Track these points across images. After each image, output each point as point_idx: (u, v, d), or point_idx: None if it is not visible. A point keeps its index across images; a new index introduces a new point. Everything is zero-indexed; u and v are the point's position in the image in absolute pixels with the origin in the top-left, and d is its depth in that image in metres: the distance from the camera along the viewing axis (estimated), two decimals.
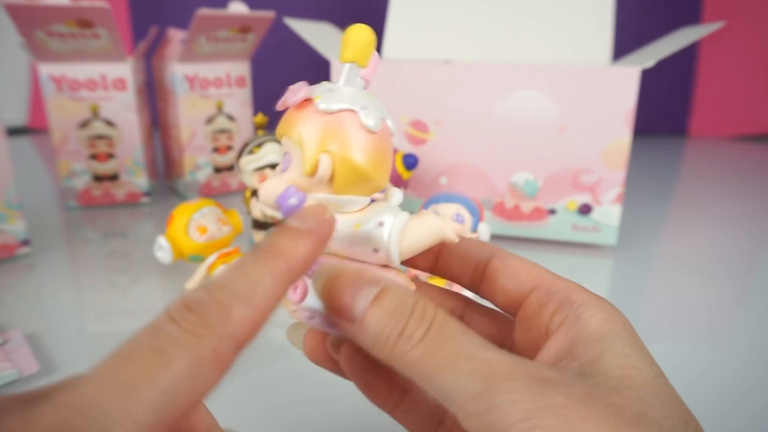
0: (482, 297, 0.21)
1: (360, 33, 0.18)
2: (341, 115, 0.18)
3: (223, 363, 0.13)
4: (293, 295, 0.19)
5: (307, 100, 0.18)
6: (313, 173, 0.18)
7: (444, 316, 0.16)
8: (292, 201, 0.18)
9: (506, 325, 0.21)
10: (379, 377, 0.19)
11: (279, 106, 0.19)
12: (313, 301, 0.18)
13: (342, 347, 0.19)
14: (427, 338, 0.15)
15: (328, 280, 0.17)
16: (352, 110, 0.18)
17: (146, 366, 0.12)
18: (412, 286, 0.19)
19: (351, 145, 0.18)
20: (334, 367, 0.20)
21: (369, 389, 0.19)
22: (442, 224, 0.18)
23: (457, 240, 0.18)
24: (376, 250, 0.18)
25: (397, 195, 0.20)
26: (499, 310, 0.21)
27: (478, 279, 0.21)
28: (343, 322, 0.16)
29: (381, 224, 0.18)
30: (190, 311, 0.13)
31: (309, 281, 0.19)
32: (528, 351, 0.19)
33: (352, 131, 0.18)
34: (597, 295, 0.18)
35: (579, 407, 0.14)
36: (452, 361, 0.14)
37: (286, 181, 0.19)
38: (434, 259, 0.22)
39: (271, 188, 0.18)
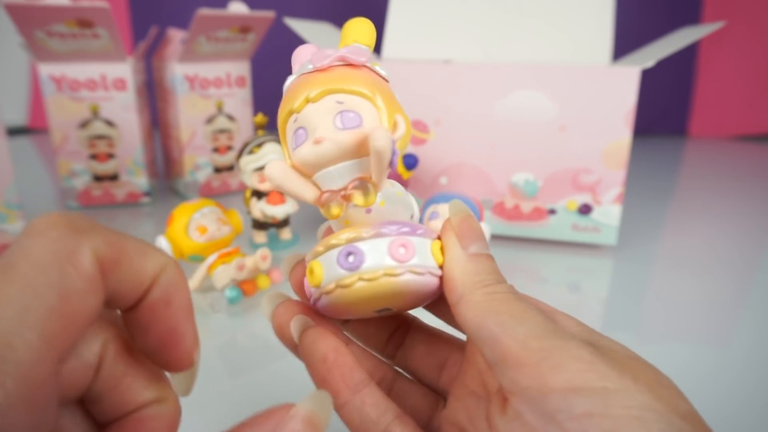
0: (438, 316, 0.22)
1: (360, 21, 0.20)
2: (389, 85, 0.20)
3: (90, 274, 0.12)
4: (403, 254, 0.18)
5: (349, 64, 0.19)
6: (393, 131, 0.18)
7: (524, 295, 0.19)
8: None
9: (433, 399, 0.21)
10: (339, 368, 0.19)
11: (316, 64, 0.19)
12: (420, 258, 0.18)
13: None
14: (509, 294, 0.17)
15: (466, 215, 0.20)
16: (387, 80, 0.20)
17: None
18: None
19: (404, 113, 0.19)
20: (293, 346, 0.21)
21: (322, 381, 0.20)
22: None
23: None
24: (411, 216, 0.20)
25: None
26: (422, 383, 0.22)
27: (437, 299, 0.21)
28: (454, 245, 0.18)
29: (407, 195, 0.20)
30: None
31: (416, 240, 0.18)
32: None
33: (398, 101, 0.19)
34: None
35: (620, 367, 0.16)
36: (525, 311, 0.17)
37: (362, 133, 0.18)
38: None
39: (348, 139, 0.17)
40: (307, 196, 0.18)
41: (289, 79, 0.19)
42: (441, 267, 0.19)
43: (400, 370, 0.22)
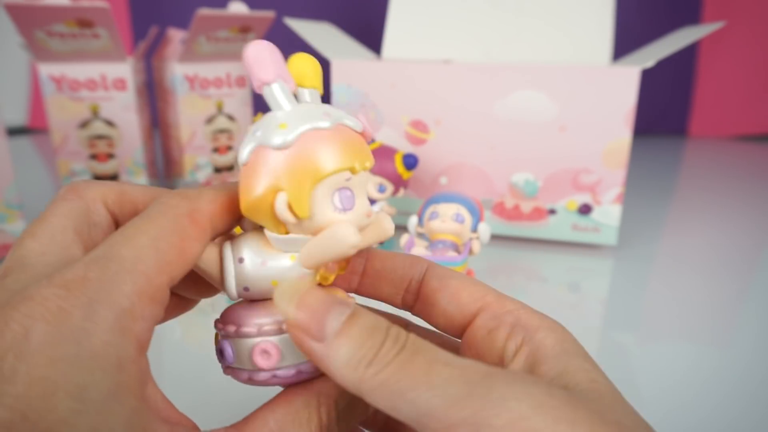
0: (417, 316, 0.20)
1: (310, 62, 0.18)
2: None
3: (200, 226, 0.16)
4: (265, 361, 0.17)
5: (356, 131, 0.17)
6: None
7: (416, 336, 0.15)
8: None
9: (454, 347, 0.20)
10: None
11: (368, 136, 0.17)
12: (244, 362, 0.17)
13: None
14: (401, 355, 0.14)
15: (296, 296, 0.15)
16: None
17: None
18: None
19: None
20: None
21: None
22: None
23: (354, 250, 0.16)
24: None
25: None
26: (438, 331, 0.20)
27: (411, 299, 0.20)
28: (308, 342, 0.15)
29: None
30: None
31: (237, 342, 0.17)
32: None
33: None
34: (544, 314, 0.18)
35: (568, 410, 0.13)
36: (428, 370, 0.14)
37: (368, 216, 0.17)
38: (358, 278, 0.20)
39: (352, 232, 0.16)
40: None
41: (317, 120, 0.16)
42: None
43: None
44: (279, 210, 0.16)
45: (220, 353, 0.18)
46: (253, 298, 0.17)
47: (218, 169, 0.68)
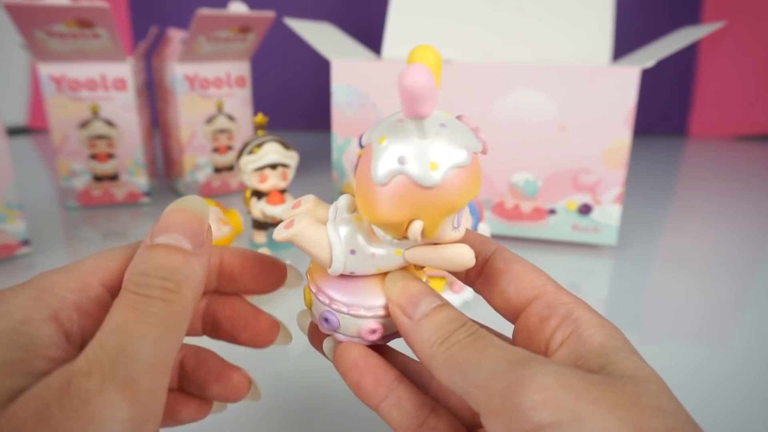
0: (477, 292, 0.21)
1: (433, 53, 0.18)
2: None
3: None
4: (372, 336, 0.20)
5: None
6: None
7: (485, 330, 0.18)
8: None
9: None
10: (370, 373, 0.20)
11: (486, 150, 0.18)
12: (348, 329, 0.20)
13: (338, 347, 0.21)
14: (466, 340, 0.17)
15: (402, 283, 0.19)
16: None
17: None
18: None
19: None
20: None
21: (358, 385, 0.20)
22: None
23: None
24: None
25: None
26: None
27: (475, 275, 0.21)
28: (401, 317, 0.18)
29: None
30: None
31: (341, 316, 0.20)
32: None
33: None
34: (598, 313, 0.18)
35: (594, 390, 0.14)
36: (482, 351, 0.16)
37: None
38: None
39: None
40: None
41: (462, 155, 0.17)
42: None
43: None
44: (413, 234, 0.18)
45: (326, 321, 0.20)
46: (354, 275, 0.20)
47: (218, 169, 0.68)
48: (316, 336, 0.22)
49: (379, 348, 0.22)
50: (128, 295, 0.16)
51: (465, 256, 0.18)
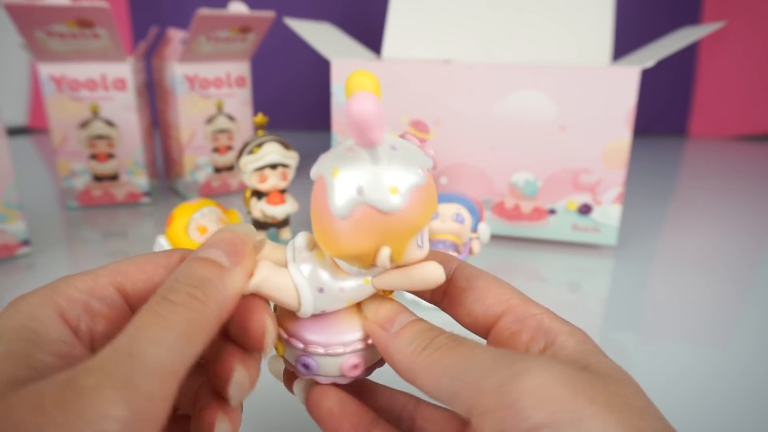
0: (445, 311, 0.21)
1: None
2: None
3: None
4: (354, 371, 0.20)
5: None
6: None
7: (465, 337, 0.18)
8: None
9: (459, 423, 0.21)
10: (345, 419, 0.20)
11: (436, 165, 0.19)
12: (328, 370, 0.20)
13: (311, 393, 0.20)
14: (450, 343, 0.17)
15: (378, 301, 0.19)
16: None
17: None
18: None
19: None
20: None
21: (334, 430, 0.20)
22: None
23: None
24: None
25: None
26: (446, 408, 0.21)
27: (440, 295, 0.21)
28: (378, 331, 0.19)
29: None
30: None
31: (318, 358, 0.19)
32: None
33: None
34: (566, 320, 0.18)
35: (588, 387, 0.14)
36: (469, 352, 0.16)
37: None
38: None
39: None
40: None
41: (420, 176, 0.17)
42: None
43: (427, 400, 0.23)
44: (382, 262, 0.17)
45: (306, 367, 0.20)
46: (325, 313, 0.19)
47: (218, 169, 0.68)
48: (292, 381, 0.22)
49: (356, 385, 0.22)
50: (156, 300, 0.16)
51: (434, 273, 0.18)
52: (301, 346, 0.19)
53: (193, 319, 0.15)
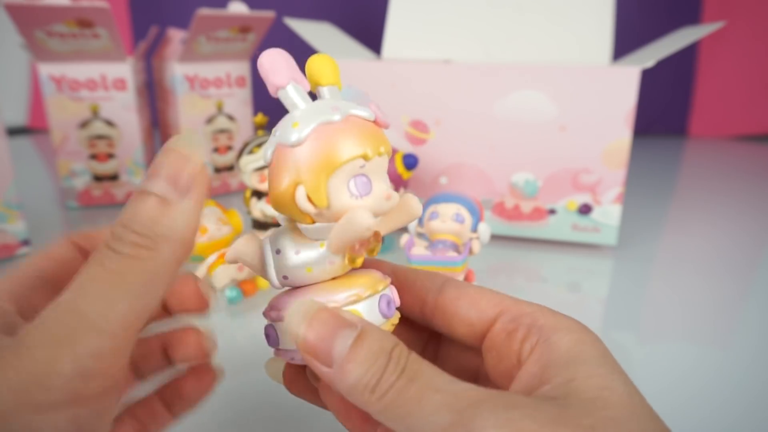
0: (437, 329, 0.21)
1: (327, 61, 0.19)
2: None
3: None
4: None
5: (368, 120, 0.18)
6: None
7: (416, 358, 0.15)
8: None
9: (478, 354, 0.20)
10: (356, 408, 0.19)
11: (382, 123, 0.18)
12: (288, 342, 0.18)
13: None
14: (399, 381, 0.15)
15: (305, 320, 0.16)
16: None
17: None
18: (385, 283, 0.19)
19: None
20: (314, 398, 0.20)
21: (347, 419, 0.19)
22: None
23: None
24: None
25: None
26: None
27: (430, 312, 0.20)
28: (318, 367, 0.15)
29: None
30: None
31: (278, 326, 0.19)
32: (502, 382, 0.18)
33: None
34: (564, 315, 0.18)
35: (547, 431, 0.13)
36: (421, 397, 0.14)
37: (385, 198, 0.18)
38: None
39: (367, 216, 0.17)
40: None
41: (329, 113, 0.17)
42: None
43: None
44: (300, 202, 0.17)
45: (267, 337, 0.19)
46: (294, 285, 0.19)
47: (218, 169, 0.68)
48: (293, 381, 0.21)
49: None
50: (102, 250, 0.15)
51: (356, 218, 0.17)
52: (265, 313, 0.19)
53: (143, 269, 0.14)
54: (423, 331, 0.22)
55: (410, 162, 0.47)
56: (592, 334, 0.17)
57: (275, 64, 0.17)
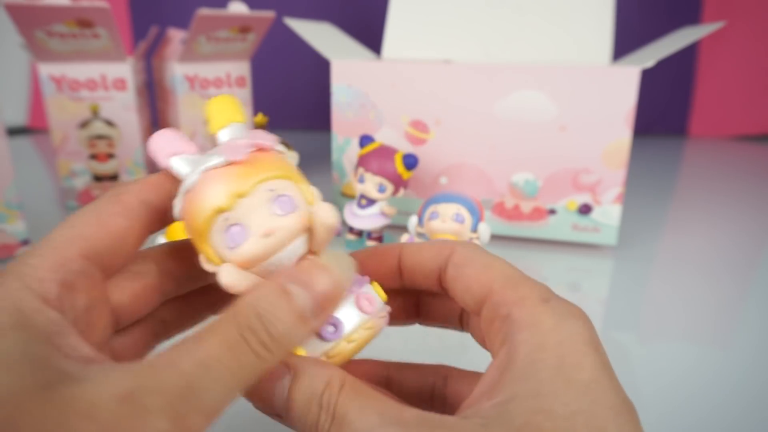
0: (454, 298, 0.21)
1: (227, 99, 0.20)
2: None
3: (122, 203, 0.18)
4: (368, 305, 0.19)
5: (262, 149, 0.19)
6: (314, 201, 0.19)
7: (345, 398, 0.16)
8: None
9: (432, 375, 0.21)
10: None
11: (231, 156, 0.18)
12: (379, 303, 0.20)
13: None
14: (332, 428, 0.16)
15: (246, 371, 0.16)
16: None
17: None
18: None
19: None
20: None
21: None
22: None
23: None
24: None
25: None
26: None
27: (439, 287, 0.21)
28: (270, 415, 0.17)
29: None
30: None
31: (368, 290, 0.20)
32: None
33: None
34: (544, 309, 0.17)
35: None
36: None
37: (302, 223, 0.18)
38: (398, 276, 0.21)
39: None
40: None
41: (189, 178, 0.18)
42: (386, 302, 0.20)
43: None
44: (205, 266, 0.18)
45: None
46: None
47: None
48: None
49: (381, 372, 0.22)
50: (231, 330, 0.15)
51: (222, 276, 0.17)
52: None
53: (257, 370, 0.15)
54: (430, 376, 0.22)
55: (410, 162, 0.47)
56: (563, 337, 0.16)
57: (155, 148, 0.19)
